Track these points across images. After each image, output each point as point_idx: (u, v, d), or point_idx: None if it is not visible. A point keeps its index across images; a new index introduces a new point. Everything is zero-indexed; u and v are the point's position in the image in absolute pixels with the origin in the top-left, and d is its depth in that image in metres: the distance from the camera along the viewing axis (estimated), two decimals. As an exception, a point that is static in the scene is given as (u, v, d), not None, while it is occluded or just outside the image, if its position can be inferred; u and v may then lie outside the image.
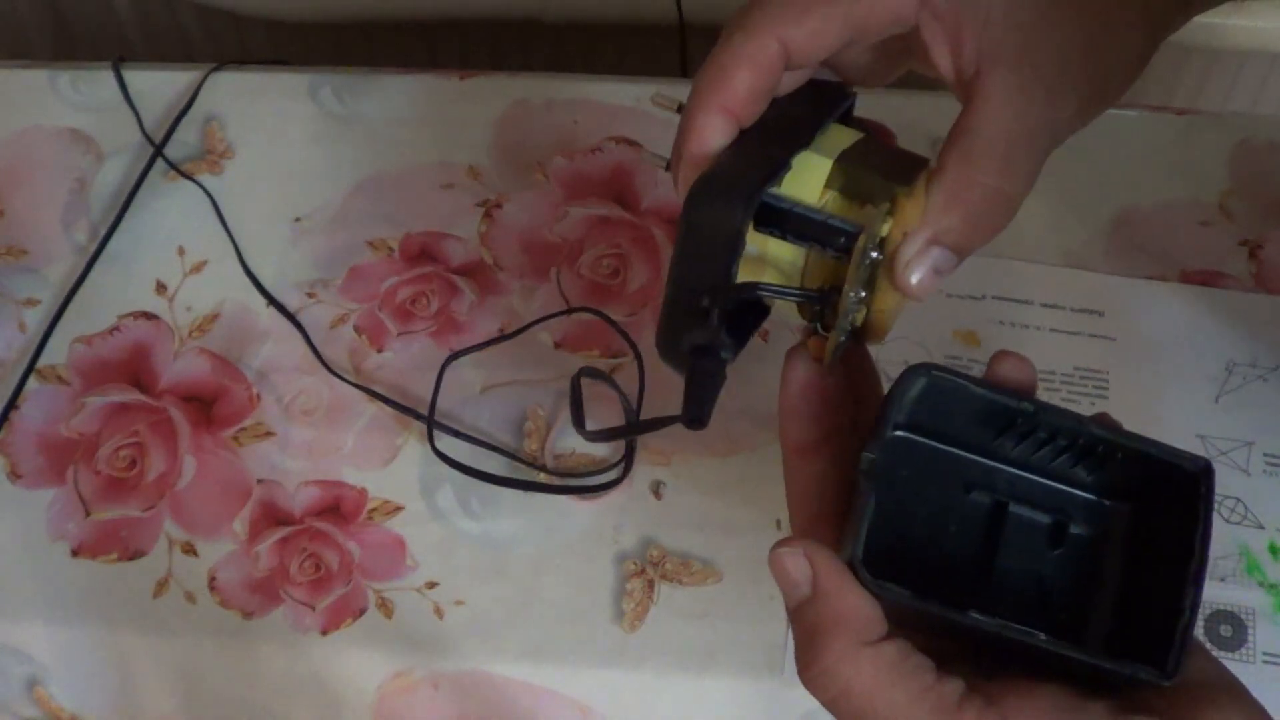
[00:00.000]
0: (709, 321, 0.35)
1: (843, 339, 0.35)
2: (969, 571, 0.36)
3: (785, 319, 0.38)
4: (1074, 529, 0.36)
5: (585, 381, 0.56)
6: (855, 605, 0.32)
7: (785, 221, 0.36)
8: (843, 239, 0.35)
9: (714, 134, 0.36)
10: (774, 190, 0.35)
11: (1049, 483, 0.36)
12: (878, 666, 0.31)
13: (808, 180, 0.36)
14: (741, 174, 0.35)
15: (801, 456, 0.36)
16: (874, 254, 0.35)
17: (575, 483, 0.54)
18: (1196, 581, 0.33)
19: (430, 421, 0.55)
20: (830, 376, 0.36)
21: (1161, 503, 0.35)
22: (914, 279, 0.35)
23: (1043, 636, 0.33)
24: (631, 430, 0.43)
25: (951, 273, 0.35)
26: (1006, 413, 0.35)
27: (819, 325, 0.36)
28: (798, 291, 0.36)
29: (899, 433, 0.36)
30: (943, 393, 0.35)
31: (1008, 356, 0.35)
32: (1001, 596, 0.35)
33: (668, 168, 0.38)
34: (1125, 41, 0.37)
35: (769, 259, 0.37)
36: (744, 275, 0.37)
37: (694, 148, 0.36)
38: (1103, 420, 0.36)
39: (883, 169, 0.36)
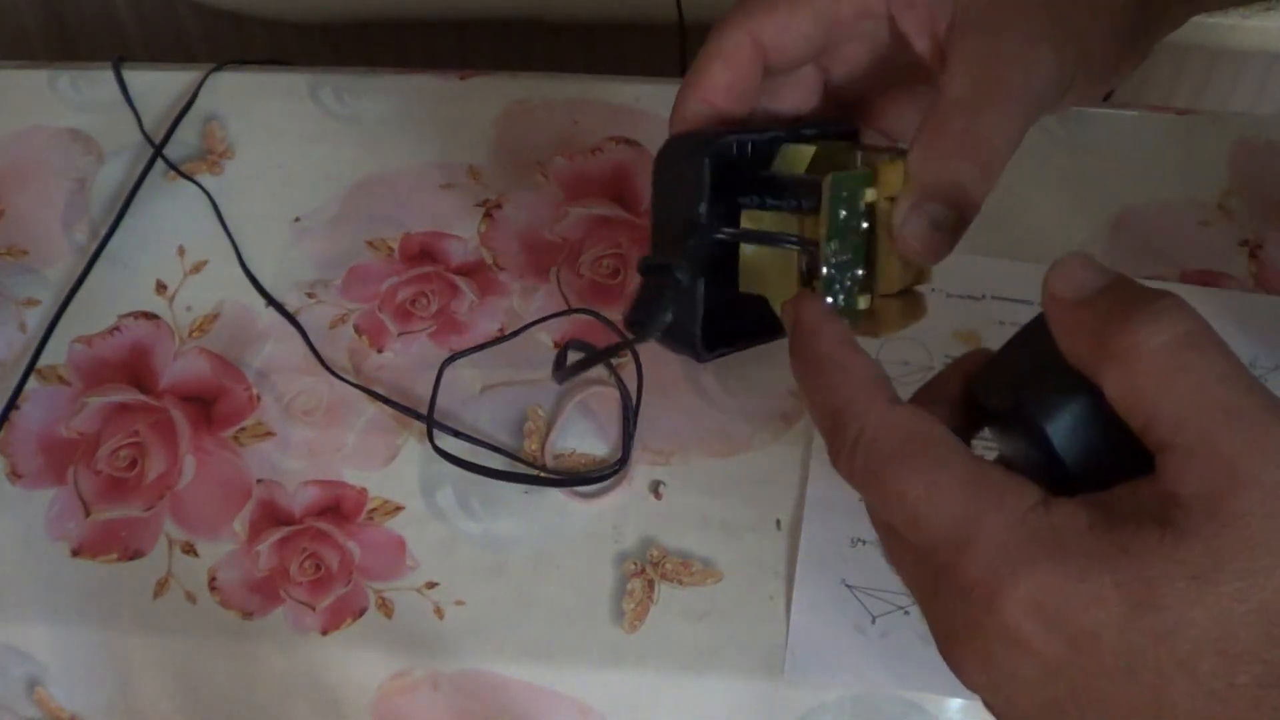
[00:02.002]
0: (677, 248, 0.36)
1: (839, 301, 0.35)
2: None
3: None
4: None
5: (585, 381, 0.57)
6: (871, 368, 0.32)
7: (762, 188, 0.36)
8: (814, 190, 0.35)
9: (695, 120, 0.38)
10: (742, 139, 0.36)
11: None
12: (912, 427, 0.30)
13: (791, 164, 0.37)
14: (710, 130, 0.37)
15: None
16: (864, 224, 0.35)
17: (572, 489, 0.54)
18: None
19: (430, 420, 0.55)
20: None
21: None
22: (910, 233, 0.34)
23: None
24: (591, 361, 0.43)
25: (956, 230, 0.35)
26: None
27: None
28: (771, 235, 0.36)
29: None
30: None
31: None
32: None
33: None
34: (1104, 6, 0.37)
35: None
36: (745, 271, 0.37)
37: (677, 131, 0.38)
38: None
39: (866, 156, 0.37)
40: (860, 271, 0.36)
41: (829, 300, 0.35)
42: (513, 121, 0.65)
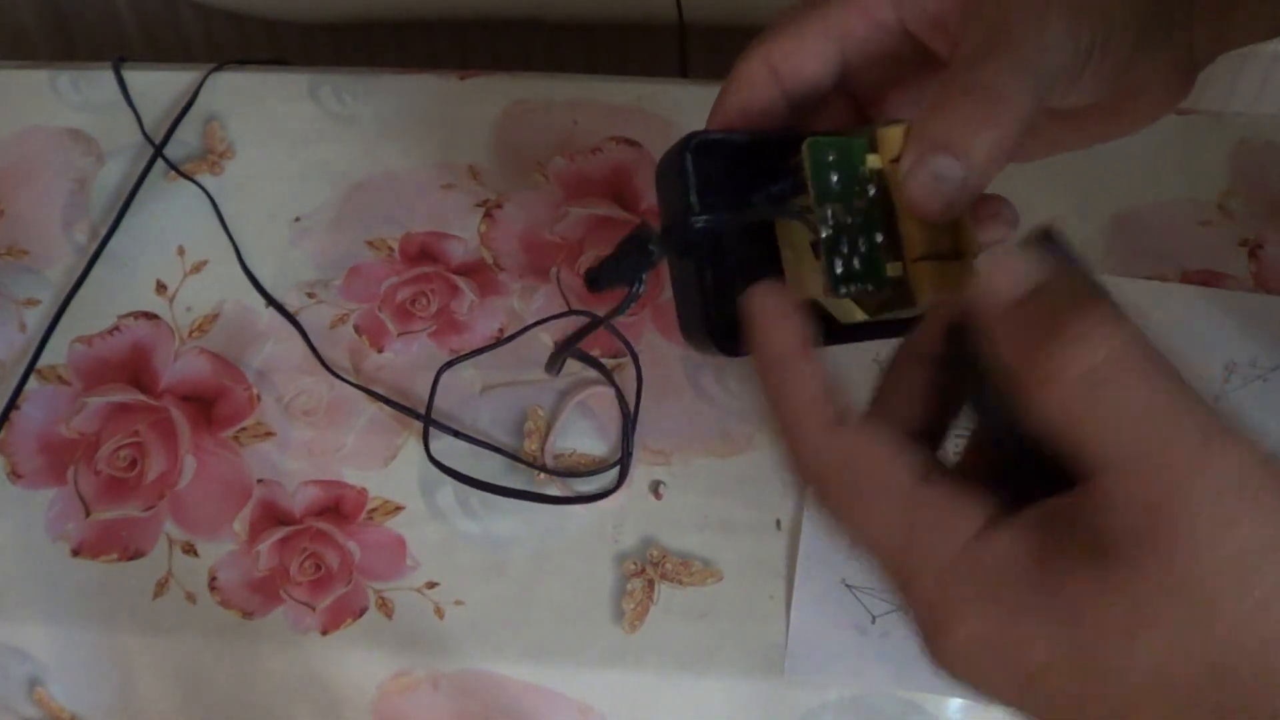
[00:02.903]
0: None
1: (854, 267, 0.35)
2: None
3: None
4: None
5: (585, 381, 0.57)
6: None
7: (755, 164, 0.36)
8: (794, 152, 0.35)
9: None
10: (729, 136, 0.37)
11: None
12: (866, 442, 0.30)
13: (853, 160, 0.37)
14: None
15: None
16: (870, 189, 0.35)
17: (573, 491, 0.54)
18: None
19: (427, 422, 0.55)
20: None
21: None
22: (913, 186, 0.33)
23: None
24: (573, 341, 0.42)
25: (965, 185, 0.33)
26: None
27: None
28: (756, 208, 0.36)
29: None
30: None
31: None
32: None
33: None
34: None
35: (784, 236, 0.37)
36: (789, 277, 0.37)
37: None
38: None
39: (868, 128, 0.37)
40: (879, 238, 0.35)
41: (837, 269, 0.34)
42: (513, 121, 0.65)
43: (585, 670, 0.51)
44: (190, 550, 0.53)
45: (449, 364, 0.56)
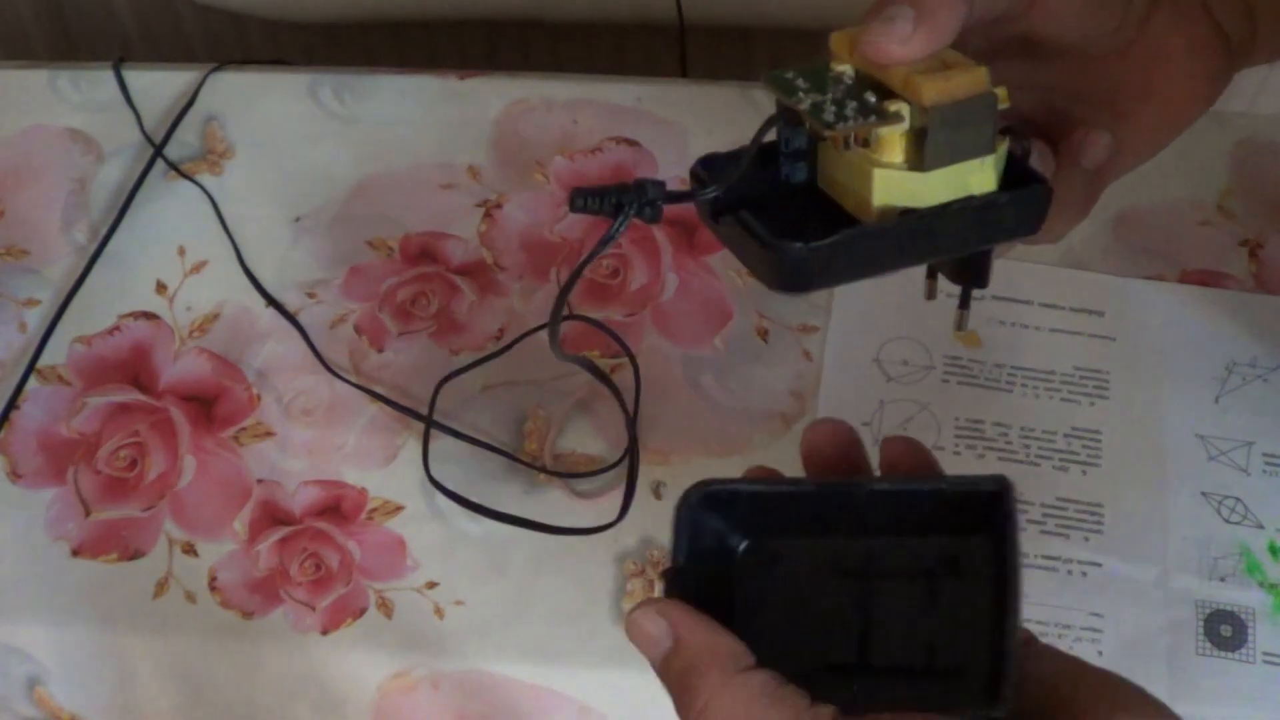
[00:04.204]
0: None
1: (847, 116, 0.35)
2: (846, 644, 0.35)
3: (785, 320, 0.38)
4: (936, 580, 0.35)
5: (583, 384, 0.56)
6: (719, 640, 0.32)
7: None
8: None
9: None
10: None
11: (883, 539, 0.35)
12: (751, 692, 0.31)
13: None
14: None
15: None
16: (845, 80, 0.35)
17: (573, 490, 0.54)
18: (1013, 605, 0.31)
19: (427, 429, 0.54)
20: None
21: (982, 532, 0.34)
22: (871, 33, 0.34)
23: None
24: (603, 193, 0.42)
25: (919, 22, 0.34)
26: (794, 499, 0.35)
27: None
28: (755, 139, 0.36)
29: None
30: (725, 501, 0.35)
31: (895, 442, 0.36)
32: (882, 660, 0.34)
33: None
34: None
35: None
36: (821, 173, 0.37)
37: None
38: (898, 467, 0.36)
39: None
40: (871, 98, 0.35)
41: (827, 115, 0.34)
42: (513, 121, 0.65)
43: (585, 670, 0.51)
44: (190, 550, 0.53)
45: (446, 378, 0.56)
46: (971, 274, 0.40)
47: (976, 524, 0.33)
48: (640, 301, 0.59)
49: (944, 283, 0.44)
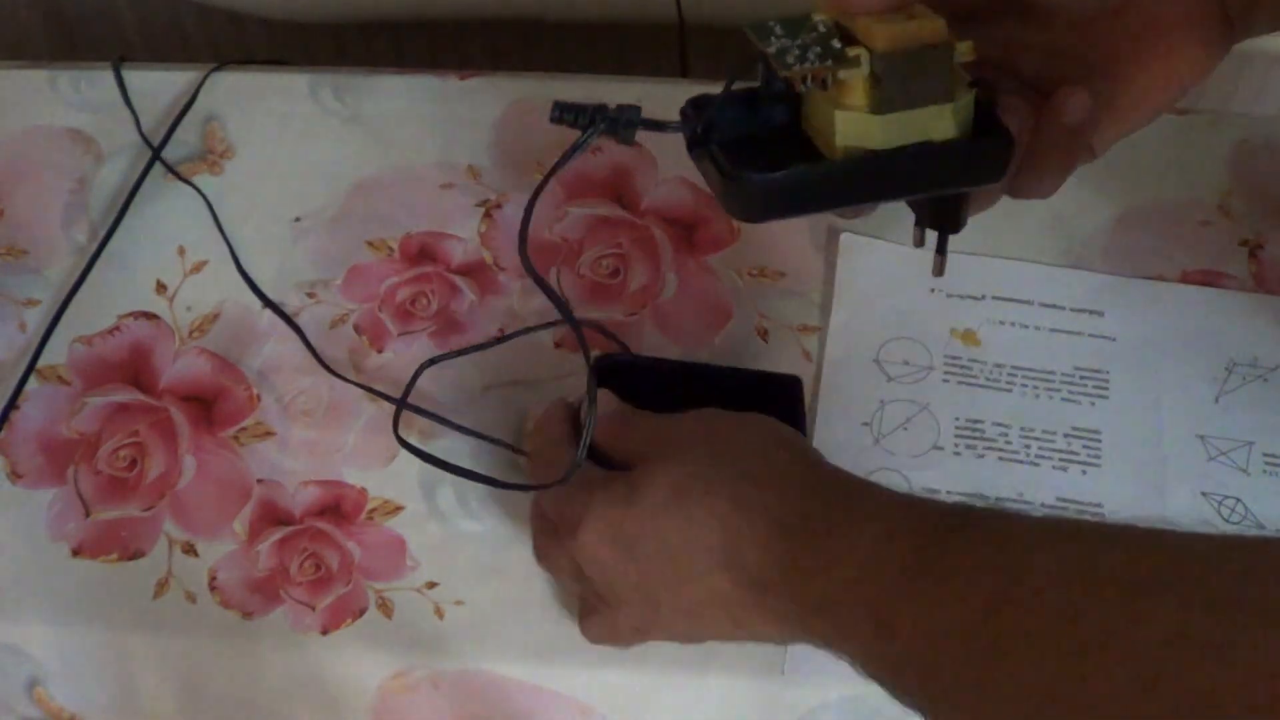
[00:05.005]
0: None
1: (809, 58, 0.37)
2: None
3: (785, 319, 0.38)
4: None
5: (583, 384, 0.56)
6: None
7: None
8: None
9: None
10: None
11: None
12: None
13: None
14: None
15: None
16: (820, 26, 0.38)
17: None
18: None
19: (400, 405, 0.54)
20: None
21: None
22: None
23: None
24: (583, 110, 0.45)
25: None
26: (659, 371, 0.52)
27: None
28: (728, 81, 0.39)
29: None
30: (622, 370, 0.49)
31: None
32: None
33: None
34: None
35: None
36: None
37: None
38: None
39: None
40: (836, 43, 0.37)
41: (789, 59, 0.37)
42: (513, 121, 0.65)
43: (585, 670, 0.51)
44: (190, 550, 0.53)
45: (431, 361, 0.56)
46: (946, 219, 0.44)
47: (780, 406, 0.48)
48: (640, 301, 0.59)
49: (939, 279, 0.45)
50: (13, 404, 0.56)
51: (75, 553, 0.53)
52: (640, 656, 0.51)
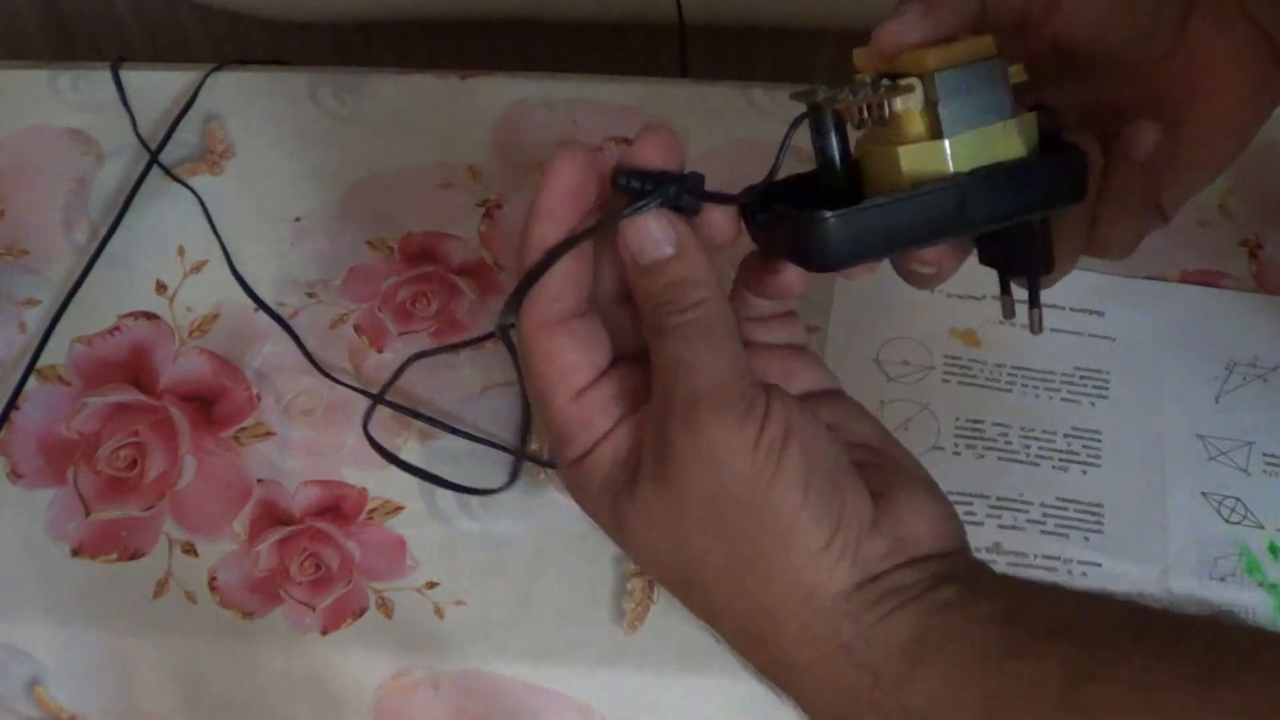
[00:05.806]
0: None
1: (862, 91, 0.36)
2: None
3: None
4: None
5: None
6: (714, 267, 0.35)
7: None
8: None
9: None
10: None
11: None
12: (732, 321, 0.35)
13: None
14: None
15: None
16: (867, 79, 0.36)
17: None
18: None
19: (377, 400, 0.54)
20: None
21: None
22: (885, 25, 0.36)
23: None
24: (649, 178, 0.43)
25: (926, 21, 0.35)
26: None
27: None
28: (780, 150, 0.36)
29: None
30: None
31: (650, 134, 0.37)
32: None
33: None
34: None
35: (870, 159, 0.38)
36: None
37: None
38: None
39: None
40: (885, 80, 0.36)
41: (844, 94, 0.36)
42: (513, 121, 0.65)
43: (585, 670, 0.51)
44: (190, 550, 0.53)
45: (418, 355, 0.56)
46: (1033, 261, 0.40)
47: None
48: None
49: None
50: (13, 404, 0.56)
51: (75, 553, 0.53)
52: (640, 656, 0.51)
